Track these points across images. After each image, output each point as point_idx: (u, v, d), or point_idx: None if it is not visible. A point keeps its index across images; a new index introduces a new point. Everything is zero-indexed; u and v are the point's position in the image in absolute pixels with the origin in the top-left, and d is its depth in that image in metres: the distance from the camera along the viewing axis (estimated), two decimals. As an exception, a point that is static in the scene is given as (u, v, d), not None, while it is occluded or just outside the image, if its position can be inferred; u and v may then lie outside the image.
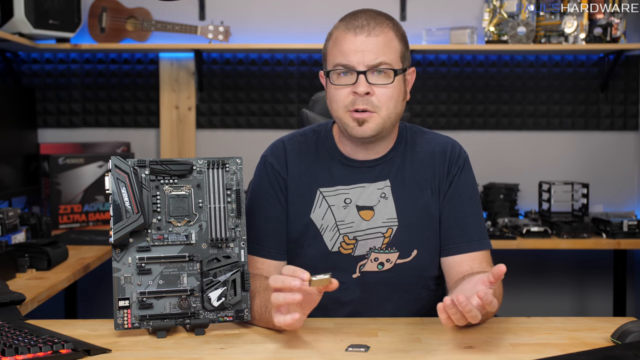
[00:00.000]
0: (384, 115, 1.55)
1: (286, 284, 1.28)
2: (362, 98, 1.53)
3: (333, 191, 1.64)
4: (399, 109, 1.59)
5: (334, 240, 1.62)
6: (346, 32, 1.55)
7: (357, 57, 1.53)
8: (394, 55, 1.56)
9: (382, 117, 1.55)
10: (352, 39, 1.54)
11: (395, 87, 1.55)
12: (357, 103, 1.54)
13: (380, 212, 1.62)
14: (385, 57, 1.54)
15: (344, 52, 1.54)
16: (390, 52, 1.55)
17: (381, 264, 1.62)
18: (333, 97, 1.57)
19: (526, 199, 3.45)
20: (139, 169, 1.42)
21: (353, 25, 1.55)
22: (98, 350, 1.30)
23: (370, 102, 1.53)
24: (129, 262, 1.41)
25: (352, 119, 1.55)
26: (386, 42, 1.54)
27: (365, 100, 1.53)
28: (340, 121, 1.58)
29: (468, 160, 1.68)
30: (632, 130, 3.50)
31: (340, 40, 1.56)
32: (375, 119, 1.55)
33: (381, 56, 1.53)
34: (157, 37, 3.39)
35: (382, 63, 1.53)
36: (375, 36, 1.54)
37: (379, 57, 1.53)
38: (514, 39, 3.21)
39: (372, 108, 1.54)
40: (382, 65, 1.53)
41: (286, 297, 1.28)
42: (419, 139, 1.69)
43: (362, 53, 1.53)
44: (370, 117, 1.54)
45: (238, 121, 3.48)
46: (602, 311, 3.48)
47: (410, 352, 1.31)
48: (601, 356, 1.22)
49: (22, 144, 3.17)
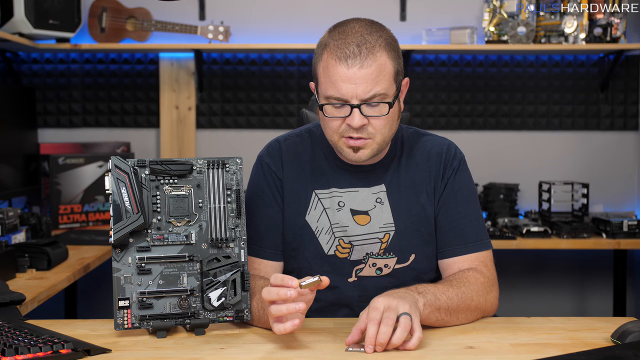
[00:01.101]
0: (379, 140, 1.52)
1: (281, 296, 1.28)
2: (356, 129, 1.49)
3: (327, 193, 1.63)
4: (394, 129, 1.55)
5: (329, 243, 1.62)
6: (337, 62, 1.46)
7: (350, 91, 1.46)
8: (388, 81, 1.48)
9: (377, 143, 1.52)
10: (345, 72, 1.46)
11: (390, 115, 1.50)
12: (351, 132, 1.50)
13: (377, 218, 1.61)
14: (379, 87, 1.46)
15: (336, 84, 1.47)
16: (384, 79, 1.47)
17: (379, 269, 1.62)
18: (327, 125, 1.53)
19: (526, 199, 3.45)
20: (139, 169, 1.42)
21: (344, 55, 1.46)
22: (98, 350, 1.30)
23: (365, 130, 1.50)
24: (129, 262, 1.41)
25: (347, 145, 1.52)
26: (379, 70, 1.46)
27: (360, 130, 1.49)
28: (335, 146, 1.56)
29: (464, 161, 1.67)
30: (632, 130, 3.50)
31: (331, 70, 1.48)
32: (371, 145, 1.52)
33: (375, 87, 1.46)
34: (157, 37, 3.39)
35: (376, 95, 1.47)
36: (368, 67, 1.45)
37: (372, 89, 1.46)
38: (514, 39, 3.21)
39: (368, 135, 1.50)
40: (376, 97, 1.47)
41: (289, 308, 1.28)
42: (414, 141, 1.67)
43: (354, 86, 1.46)
44: (365, 144, 1.51)
45: (238, 121, 3.48)
46: (602, 311, 3.48)
47: (410, 352, 1.31)
48: (601, 356, 1.22)
49: (22, 144, 3.17)
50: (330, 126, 1.52)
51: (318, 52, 1.53)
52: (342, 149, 1.54)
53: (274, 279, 1.31)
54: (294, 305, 1.28)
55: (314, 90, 1.59)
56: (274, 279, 1.31)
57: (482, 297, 1.51)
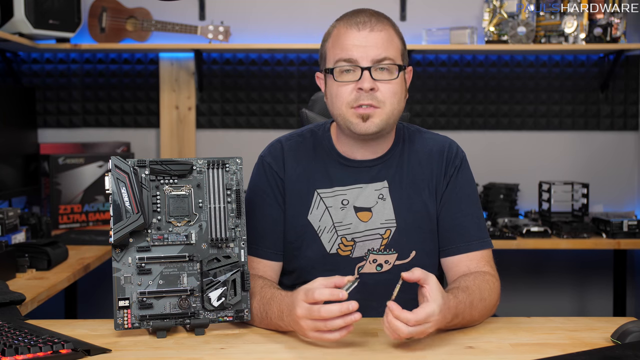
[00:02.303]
0: (388, 110, 1.54)
1: (334, 296, 1.29)
2: (366, 94, 1.52)
3: (331, 192, 1.63)
4: (401, 106, 1.58)
5: (332, 241, 1.62)
6: (348, 28, 1.54)
7: (361, 52, 1.52)
8: (396, 51, 1.56)
9: (386, 113, 1.54)
10: (355, 34, 1.53)
11: (398, 84, 1.55)
12: (361, 99, 1.52)
13: (378, 214, 1.62)
14: (389, 53, 1.53)
15: (347, 47, 1.53)
16: (393, 48, 1.55)
17: (380, 265, 1.62)
18: (336, 95, 1.56)
19: (526, 199, 3.45)
20: (139, 169, 1.42)
21: (355, 22, 1.54)
22: (98, 350, 1.30)
23: (374, 97, 1.53)
24: (129, 262, 1.41)
25: (356, 115, 1.54)
26: (389, 38, 1.55)
27: (370, 95, 1.52)
28: (343, 118, 1.57)
29: (466, 160, 1.67)
30: (632, 130, 3.50)
31: (341, 36, 1.55)
32: (380, 114, 1.54)
33: (384, 52, 1.53)
34: (157, 37, 3.39)
35: (386, 58, 1.53)
36: (378, 31, 1.53)
37: (382, 53, 1.53)
38: (514, 39, 3.21)
39: (377, 103, 1.53)
40: (386, 60, 1.53)
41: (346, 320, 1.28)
42: (416, 138, 1.68)
43: (365, 48, 1.52)
44: (374, 112, 1.53)
45: (238, 121, 3.48)
46: (602, 311, 3.48)
47: (410, 352, 1.31)
48: (601, 356, 1.22)
49: (22, 144, 3.17)
50: (339, 95, 1.55)
51: (325, 37, 1.60)
52: (350, 121, 1.55)
53: (320, 294, 1.29)
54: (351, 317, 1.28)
55: (319, 79, 1.63)
56: (321, 295, 1.29)
57: (495, 302, 1.53)
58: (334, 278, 1.32)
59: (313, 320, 1.30)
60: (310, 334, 1.32)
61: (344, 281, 1.32)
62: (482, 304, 1.46)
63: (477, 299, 1.45)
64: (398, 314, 1.27)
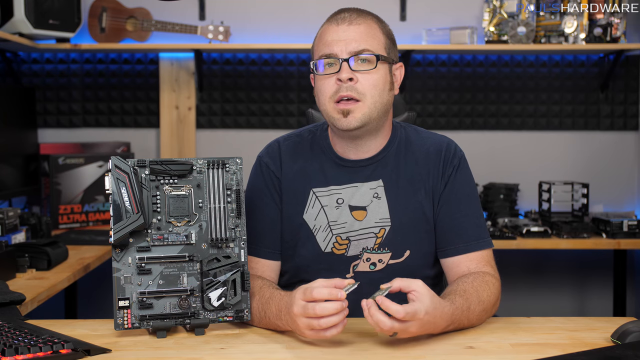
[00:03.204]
0: (369, 103, 1.54)
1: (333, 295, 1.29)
2: (345, 85, 1.53)
3: (326, 191, 1.63)
4: (384, 99, 1.57)
5: (327, 240, 1.62)
6: (329, 25, 1.58)
7: (340, 46, 1.54)
8: (377, 44, 1.56)
9: (367, 106, 1.54)
10: (335, 29, 1.56)
11: (379, 74, 1.55)
12: (341, 90, 1.53)
13: (373, 212, 1.61)
14: (367, 45, 1.55)
15: (327, 42, 1.56)
16: (373, 40, 1.56)
17: (373, 264, 1.62)
18: (319, 90, 1.58)
19: (526, 199, 3.45)
20: (139, 169, 1.42)
21: (335, 18, 1.58)
22: (98, 350, 1.30)
23: (354, 89, 1.53)
24: (129, 262, 1.41)
25: (337, 110, 1.55)
26: (368, 31, 1.56)
27: (349, 87, 1.53)
28: (327, 114, 1.58)
29: (464, 159, 1.67)
30: (632, 130, 3.50)
31: (323, 33, 1.59)
32: (361, 108, 1.54)
33: (363, 43, 1.54)
34: (157, 37, 3.39)
35: (365, 50, 1.54)
36: (357, 25, 1.56)
37: (361, 45, 1.54)
38: (514, 39, 3.21)
39: (357, 96, 1.53)
40: (365, 52, 1.54)
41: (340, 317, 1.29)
42: (413, 138, 1.68)
43: (344, 42, 1.54)
44: (355, 106, 1.53)
45: (238, 121, 3.48)
46: (602, 311, 3.48)
47: (409, 352, 1.31)
48: (601, 356, 1.22)
49: (22, 144, 3.17)
50: (322, 89, 1.57)
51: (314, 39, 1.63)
52: (332, 116, 1.56)
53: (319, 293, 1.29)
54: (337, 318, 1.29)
55: (313, 79, 1.64)
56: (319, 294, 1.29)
57: (495, 303, 1.52)
58: (334, 280, 1.33)
59: (308, 318, 1.30)
60: (306, 333, 1.32)
61: (344, 283, 1.32)
62: (480, 307, 1.46)
63: (475, 302, 1.44)
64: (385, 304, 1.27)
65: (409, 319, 1.28)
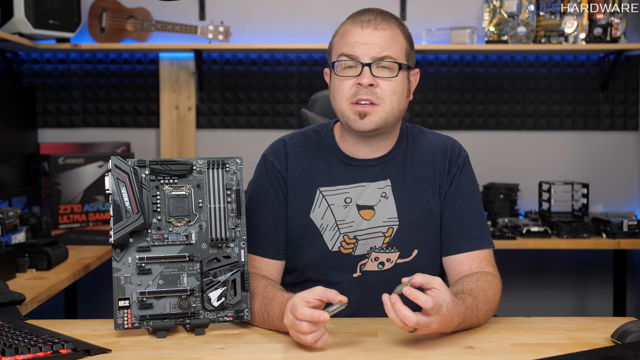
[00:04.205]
0: (387, 108, 1.55)
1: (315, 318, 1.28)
2: (365, 89, 1.53)
3: (333, 190, 1.63)
4: (402, 105, 1.59)
5: (334, 240, 1.62)
6: (353, 25, 1.57)
7: (363, 49, 1.54)
8: (400, 51, 1.57)
9: (384, 111, 1.55)
10: (359, 32, 1.55)
11: (399, 82, 1.56)
12: (360, 93, 1.54)
13: (381, 212, 1.62)
14: (391, 52, 1.55)
15: (350, 43, 1.56)
16: (396, 47, 1.56)
17: (381, 263, 1.62)
18: (337, 89, 1.57)
19: (526, 199, 3.45)
20: (139, 169, 1.42)
21: (360, 20, 1.57)
22: (98, 350, 1.30)
23: (373, 93, 1.54)
24: (129, 262, 1.41)
25: (353, 111, 1.55)
26: (392, 37, 1.56)
27: (369, 91, 1.53)
28: (342, 114, 1.58)
29: (468, 160, 1.68)
30: (632, 130, 3.49)
31: (346, 33, 1.58)
32: (378, 112, 1.54)
33: (386, 50, 1.54)
34: (157, 37, 3.39)
35: (387, 57, 1.54)
36: (382, 30, 1.55)
37: (384, 51, 1.54)
38: (514, 39, 3.21)
39: (376, 100, 1.54)
40: (387, 58, 1.54)
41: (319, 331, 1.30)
42: (419, 138, 1.69)
43: (367, 45, 1.54)
44: (372, 110, 1.54)
45: (238, 121, 3.48)
46: (602, 311, 3.48)
47: (410, 351, 1.31)
48: (601, 356, 1.22)
49: (22, 144, 3.17)
50: (340, 89, 1.56)
51: (335, 33, 1.63)
52: (348, 116, 1.56)
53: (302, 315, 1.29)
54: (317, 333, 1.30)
55: (327, 74, 1.64)
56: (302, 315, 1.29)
57: (498, 303, 1.53)
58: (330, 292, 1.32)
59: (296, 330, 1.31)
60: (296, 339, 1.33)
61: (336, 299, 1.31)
62: (487, 306, 1.47)
63: (483, 301, 1.45)
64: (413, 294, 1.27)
65: (436, 311, 1.28)
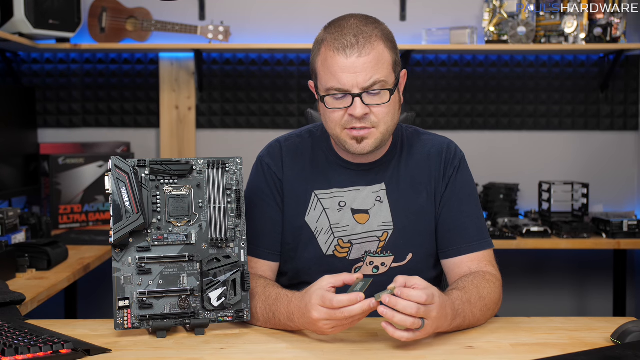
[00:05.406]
0: (383, 130, 1.53)
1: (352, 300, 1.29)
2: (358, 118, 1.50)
3: (328, 194, 1.63)
4: (396, 120, 1.56)
5: (328, 243, 1.62)
6: (336, 53, 1.48)
7: (350, 80, 1.48)
8: (387, 69, 1.50)
9: (381, 132, 1.53)
10: (343, 61, 1.47)
11: (391, 103, 1.52)
12: (354, 122, 1.50)
13: (376, 216, 1.61)
14: (379, 74, 1.48)
15: (336, 74, 1.48)
16: (383, 67, 1.49)
17: (376, 267, 1.62)
18: (329, 118, 1.54)
19: (526, 199, 3.45)
20: (139, 169, 1.42)
21: (342, 45, 1.48)
22: (98, 350, 1.30)
23: (368, 119, 1.50)
24: (129, 262, 1.41)
25: (350, 136, 1.53)
26: (378, 58, 1.48)
27: (363, 119, 1.50)
28: (338, 139, 1.56)
29: (464, 160, 1.67)
30: (632, 130, 3.50)
31: (330, 61, 1.49)
32: (375, 134, 1.52)
33: (375, 74, 1.48)
34: (157, 37, 3.39)
35: (376, 82, 1.48)
36: (366, 55, 1.47)
37: (372, 77, 1.48)
38: (514, 39, 3.21)
39: (371, 125, 1.51)
40: (377, 84, 1.48)
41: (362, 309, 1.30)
42: (414, 140, 1.68)
43: (355, 75, 1.47)
44: (369, 133, 1.52)
45: (238, 121, 3.48)
46: (602, 311, 3.49)
47: (410, 352, 1.31)
48: (601, 356, 1.22)
49: (22, 144, 3.17)
50: (332, 119, 1.53)
51: (315, 48, 1.55)
52: (345, 141, 1.54)
53: (339, 302, 1.29)
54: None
55: (313, 88, 1.60)
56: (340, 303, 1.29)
57: (497, 301, 1.52)
58: (342, 276, 1.34)
59: (335, 320, 1.31)
60: (329, 331, 1.34)
61: (352, 278, 1.33)
62: (481, 302, 1.46)
63: (475, 296, 1.45)
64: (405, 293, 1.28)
65: (430, 301, 1.28)
